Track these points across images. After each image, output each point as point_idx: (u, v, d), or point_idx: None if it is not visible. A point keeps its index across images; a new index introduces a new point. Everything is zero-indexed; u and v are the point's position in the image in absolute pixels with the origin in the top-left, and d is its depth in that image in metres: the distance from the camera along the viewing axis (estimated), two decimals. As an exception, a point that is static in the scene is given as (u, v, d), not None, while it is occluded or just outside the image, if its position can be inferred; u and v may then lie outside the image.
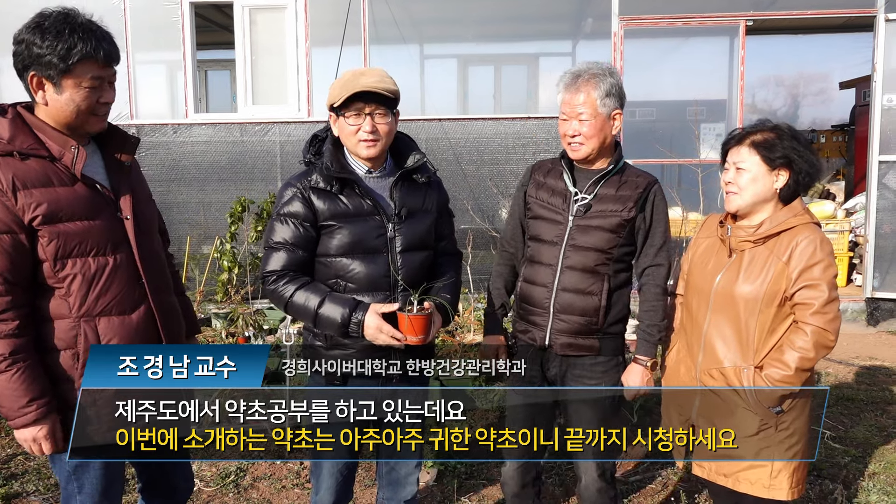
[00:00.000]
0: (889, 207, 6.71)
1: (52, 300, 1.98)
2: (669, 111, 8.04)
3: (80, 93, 1.95)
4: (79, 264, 1.97)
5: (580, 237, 2.55)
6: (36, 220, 1.91)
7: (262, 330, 6.16)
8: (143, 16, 7.11)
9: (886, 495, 3.44)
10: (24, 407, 1.93)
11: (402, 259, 2.32)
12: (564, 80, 2.55)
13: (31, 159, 1.93)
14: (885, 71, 6.59)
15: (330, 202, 2.28)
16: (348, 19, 6.86)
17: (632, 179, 2.59)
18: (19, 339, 1.92)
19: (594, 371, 2.62)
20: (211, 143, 7.18)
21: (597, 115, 2.49)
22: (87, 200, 1.99)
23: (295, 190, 2.30)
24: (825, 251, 2.27)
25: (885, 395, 4.85)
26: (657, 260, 2.59)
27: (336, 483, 2.45)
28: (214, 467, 3.77)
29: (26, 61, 1.93)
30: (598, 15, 7.25)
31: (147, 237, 2.15)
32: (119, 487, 2.20)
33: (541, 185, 2.67)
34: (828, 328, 2.24)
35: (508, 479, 2.85)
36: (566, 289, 2.57)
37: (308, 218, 2.29)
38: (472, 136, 7.06)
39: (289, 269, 2.29)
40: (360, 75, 2.25)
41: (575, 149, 2.55)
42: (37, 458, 3.90)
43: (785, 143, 2.31)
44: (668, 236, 2.62)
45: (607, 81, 2.50)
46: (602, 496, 2.71)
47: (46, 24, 1.91)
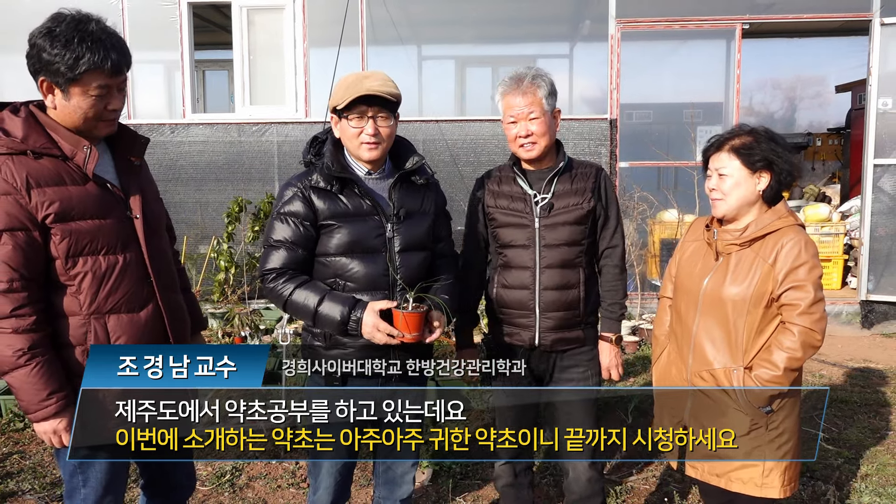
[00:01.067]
0: (884, 210, 6.74)
1: (64, 297, 2.01)
2: (666, 114, 8.05)
3: (86, 100, 1.97)
4: (90, 262, 2.00)
5: (550, 235, 2.63)
6: (49, 217, 1.94)
7: (258, 330, 6.17)
8: (141, 15, 7.12)
9: (879, 497, 3.47)
10: (45, 400, 1.95)
11: (400, 259, 2.34)
12: (507, 85, 2.62)
13: (44, 158, 1.96)
14: (881, 75, 6.62)
15: (330, 202, 2.30)
16: (346, 20, 6.87)
17: (581, 171, 2.70)
18: (37, 334, 1.95)
19: (580, 360, 2.73)
20: (208, 143, 7.19)
21: (545, 114, 2.59)
22: (99, 199, 2.02)
23: (295, 189, 2.32)
24: (810, 253, 2.30)
25: (878, 398, 4.88)
26: (613, 241, 2.73)
27: (334, 483, 2.46)
28: (210, 466, 3.78)
29: (37, 66, 1.96)
30: (595, 17, 7.28)
31: (155, 236, 2.19)
32: (123, 482, 2.22)
33: (497, 194, 2.71)
34: (814, 328, 2.28)
35: (501, 472, 2.94)
36: (548, 287, 2.64)
37: (308, 217, 2.31)
38: (470, 137, 7.07)
39: (288, 268, 2.31)
40: (363, 78, 2.28)
41: (528, 149, 2.62)
42: (32, 457, 3.90)
43: (763, 145, 2.35)
44: (619, 218, 2.77)
45: (547, 81, 2.61)
46: (593, 485, 2.76)
47: (58, 30, 1.92)
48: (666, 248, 6.76)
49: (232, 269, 6.90)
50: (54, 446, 2.04)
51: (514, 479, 2.92)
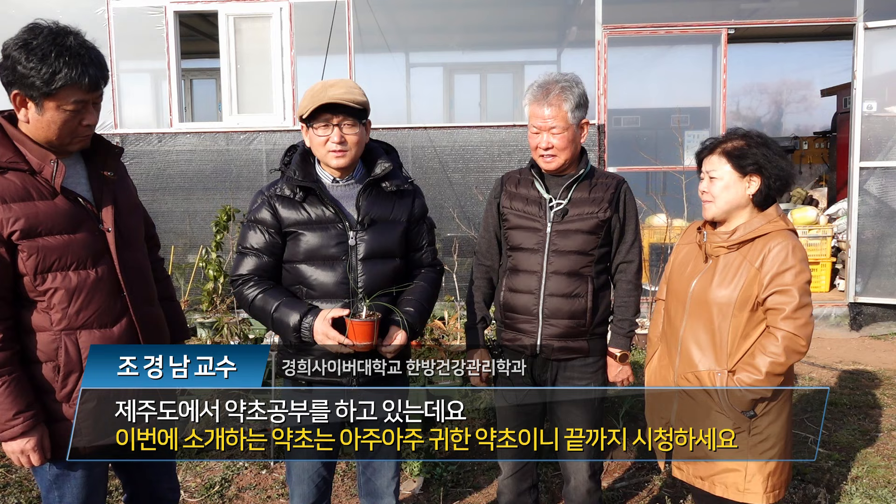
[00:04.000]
0: (870, 213, 6.78)
1: (33, 313, 1.97)
2: (653, 119, 8.10)
3: (61, 115, 1.93)
4: (59, 278, 1.96)
5: (561, 242, 2.60)
6: (15, 234, 1.89)
7: (247, 339, 6.13)
8: (127, 25, 7.09)
9: (869, 499, 3.47)
10: (11, 420, 1.91)
11: (362, 267, 2.34)
12: (533, 94, 2.58)
13: (10, 172, 1.91)
14: (865, 78, 6.67)
15: (293, 209, 2.33)
16: (333, 28, 6.86)
17: (602, 181, 2.66)
18: (4, 353, 1.90)
19: (584, 372, 2.69)
20: (196, 152, 7.16)
21: (568, 128, 2.55)
22: (68, 214, 1.97)
23: (263, 198, 2.36)
24: (797, 257, 2.30)
25: (868, 400, 4.89)
26: (629, 256, 2.68)
27: (310, 492, 2.45)
28: (199, 478, 3.74)
29: (10, 78, 1.91)
30: (581, 23, 7.30)
31: (129, 249, 2.13)
32: (101, 497, 2.19)
33: (514, 196, 2.70)
34: (799, 333, 2.26)
35: (504, 488, 2.86)
36: (553, 294, 2.61)
37: (273, 225, 2.34)
38: (458, 144, 7.07)
39: (255, 274, 2.35)
40: (328, 87, 2.28)
41: (548, 161, 2.60)
42: (18, 470, 3.85)
43: (754, 150, 2.35)
44: (638, 233, 2.71)
45: (575, 93, 2.55)
46: (591, 497, 2.76)
47: (34, 43, 1.87)
48: (655, 253, 6.77)
49: (220, 279, 6.85)
50: (23, 466, 2.00)
51: (516, 498, 2.86)
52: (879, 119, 6.70)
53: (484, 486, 3.69)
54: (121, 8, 7.07)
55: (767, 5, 7.13)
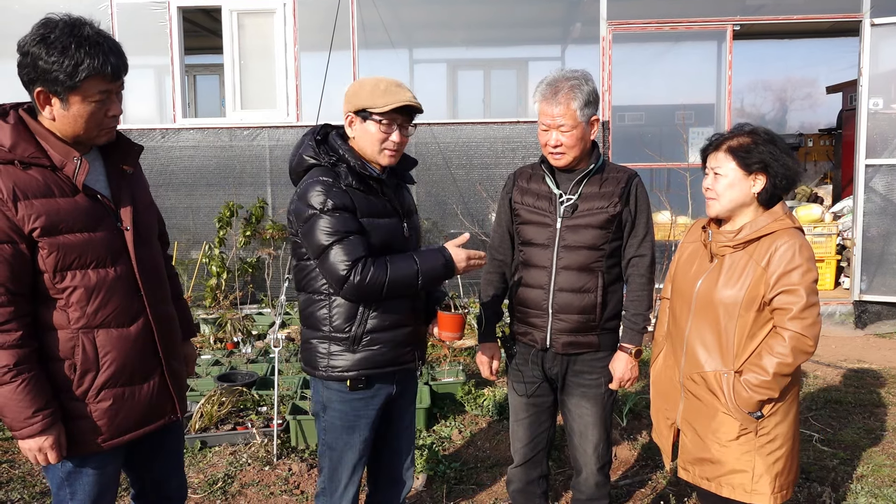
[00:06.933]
0: (876, 210, 6.75)
1: (53, 310, 1.95)
2: (658, 115, 8.05)
3: (87, 108, 1.90)
4: (78, 276, 1.94)
5: (571, 237, 2.60)
6: (36, 231, 1.86)
7: (250, 335, 6.13)
8: (130, 20, 7.08)
9: (875, 498, 3.45)
10: (30, 418, 1.89)
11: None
12: (542, 91, 2.57)
13: (32, 168, 1.89)
14: (871, 75, 6.64)
15: (362, 199, 2.31)
16: (337, 23, 6.85)
17: (613, 175, 2.65)
18: (23, 350, 1.88)
19: (594, 366, 2.70)
20: (199, 148, 7.15)
21: (577, 125, 2.54)
22: (88, 212, 1.95)
23: (331, 186, 2.26)
24: (804, 256, 2.26)
25: (872, 398, 4.87)
26: (641, 251, 2.66)
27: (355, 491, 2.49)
28: (202, 474, 3.74)
29: (32, 75, 1.87)
30: (586, 20, 7.27)
31: (146, 247, 2.12)
32: (112, 495, 2.18)
33: (525, 191, 2.70)
34: (806, 333, 2.23)
35: (514, 476, 2.92)
36: (563, 289, 2.61)
37: (353, 210, 2.28)
38: (462, 140, 7.06)
39: (365, 256, 2.24)
40: (398, 87, 2.31)
41: (557, 158, 2.60)
42: (22, 466, 3.86)
43: (761, 147, 2.31)
44: (650, 227, 2.69)
45: (584, 91, 2.53)
46: (600, 490, 2.82)
47: (52, 37, 1.84)
48: (659, 250, 6.75)
49: (224, 275, 6.86)
50: (40, 464, 1.99)
51: (525, 486, 2.89)
52: (885, 116, 6.67)
53: (487, 483, 3.68)
54: (124, 3, 7.06)
55: (773, 1, 7.08)
